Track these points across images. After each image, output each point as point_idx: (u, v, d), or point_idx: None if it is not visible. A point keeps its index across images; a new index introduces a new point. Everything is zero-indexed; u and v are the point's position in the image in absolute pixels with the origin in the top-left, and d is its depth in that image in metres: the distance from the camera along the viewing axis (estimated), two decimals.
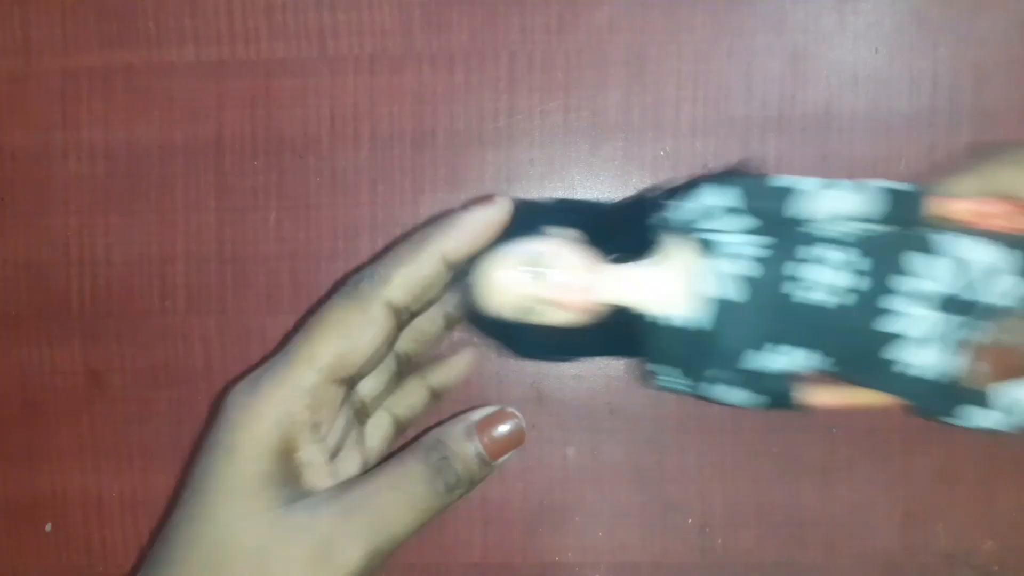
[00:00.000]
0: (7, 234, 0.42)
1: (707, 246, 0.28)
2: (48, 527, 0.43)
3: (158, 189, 0.41)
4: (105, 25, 0.41)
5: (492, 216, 0.29)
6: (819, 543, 0.39)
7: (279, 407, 0.27)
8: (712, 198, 0.29)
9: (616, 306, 0.29)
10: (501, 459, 0.29)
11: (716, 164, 0.39)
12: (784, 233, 0.28)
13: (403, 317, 0.29)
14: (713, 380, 0.30)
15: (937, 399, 0.30)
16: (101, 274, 0.42)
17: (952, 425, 0.30)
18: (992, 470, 0.39)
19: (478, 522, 0.40)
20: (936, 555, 0.39)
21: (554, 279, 0.28)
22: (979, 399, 0.29)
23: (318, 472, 0.28)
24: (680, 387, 0.31)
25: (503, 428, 0.29)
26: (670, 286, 0.29)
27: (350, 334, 0.28)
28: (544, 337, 0.30)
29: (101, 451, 0.42)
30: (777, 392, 0.30)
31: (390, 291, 0.28)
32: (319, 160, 0.40)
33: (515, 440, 0.29)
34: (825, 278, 0.27)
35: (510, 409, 0.29)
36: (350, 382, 0.28)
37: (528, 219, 0.30)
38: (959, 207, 0.28)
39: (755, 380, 0.30)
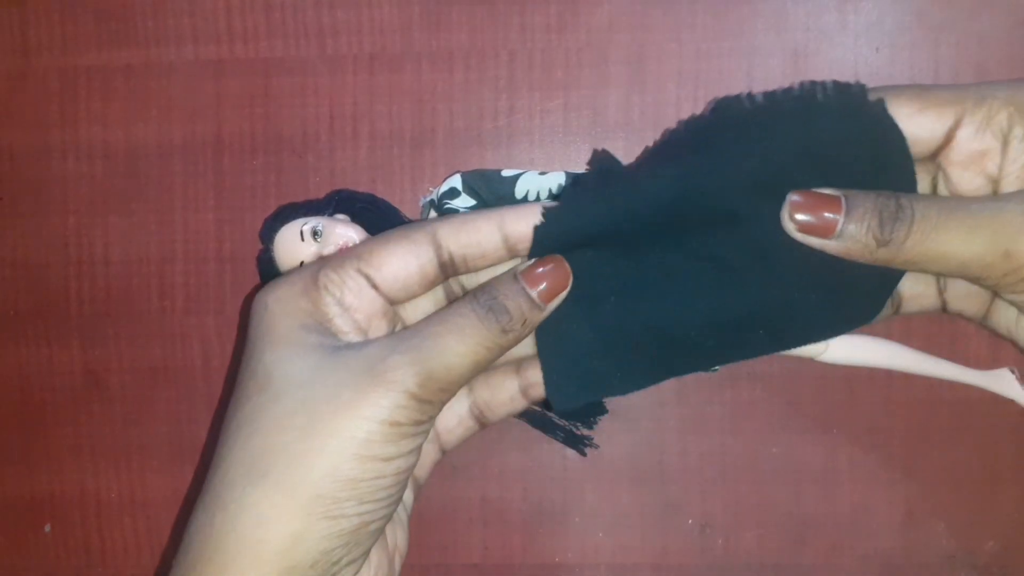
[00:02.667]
0: (5, 234, 0.42)
1: (445, 214, 0.37)
2: (47, 528, 0.42)
3: (157, 189, 0.41)
4: (104, 25, 0.41)
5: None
6: (820, 543, 0.39)
7: (302, 277, 0.28)
8: (449, 183, 0.38)
9: None
10: (551, 304, 0.28)
11: None
12: (493, 202, 0.37)
13: (444, 257, 0.29)
14: None
15: None
16: (100, 274, 0.41)
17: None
18: (994, 470, 0.39)
19: (478, 523, 0.40)
20: (937, 556, 0.39)
21: (327, 241, 0.36)
22: None
23: (358, 337, 0.28)
24: None
25: (546, 267, 0.28)
26: None
27: (385, 242, 0.29)
28: None
29: (100, 451, 0.42)
30: None
31: (439, 224, 0.29)
32: (318, 159, 0.40)
33: (560, 278, 0.28)
34: None
35: (552, 255, 0.29)
36: (375, 282, 0.28)
37: (322, 205, 0.38)
38: None
39: None
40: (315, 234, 0.37)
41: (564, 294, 0.29)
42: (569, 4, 0.39)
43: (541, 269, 0.28)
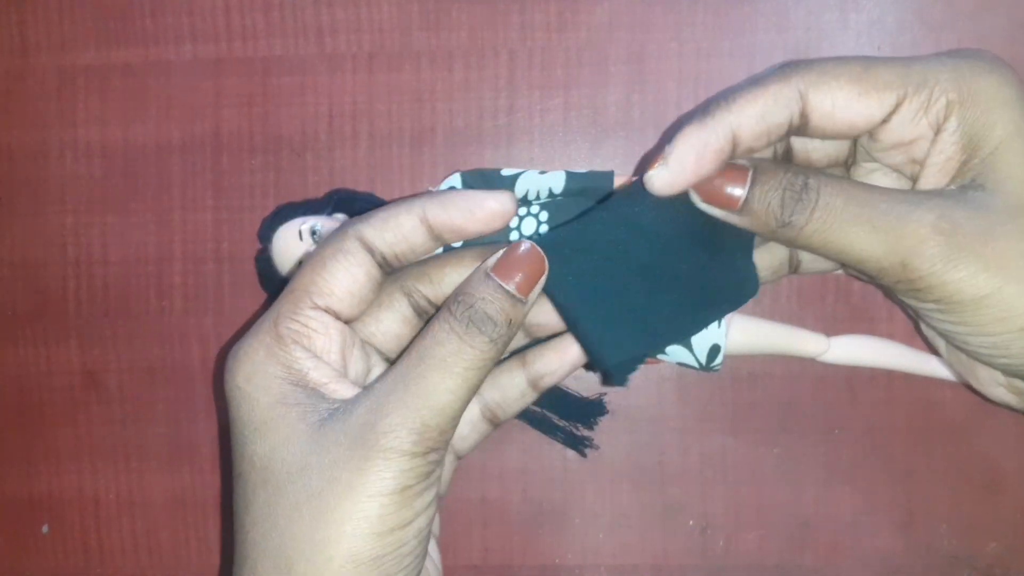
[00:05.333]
0: (3, 234, 0.42)
1: None
2: (45, 528, 0.42)
3: (155, 188, 0.41)
4: (102, 23, 0.41)
5: (484, 199, 0.27)
6: (821, 545, 0.39)
7: (264, 339, 0.27)
8: (448, 182, 0.38)
9: None
10: (531, 294, 0.27)
11: None
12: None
13: (378, 258, 0.27)
14: None
15: None
16: (98, 274, 0.41)
17: (664, 362, 0.37)
18: (995, 471, 0.38)
19: (478, 524, 0.40)
20: (939, 557, 0.39)
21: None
22: (684, 339, 0.35)
23: (340, 385, 0.27)
24: None
25: (516, 254, 0.27)
26: None
27: (323, 264, 0.27)
28: None
29: (98, 452, 0.42)
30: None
31: (363, 227, 0.27)
32: (317, 158, 0.40)
33: (534, 264, 0.26)
34: (526, 229, 0.36)
35: (519, 240, 0.27)
36: (335, 310, 0.27)
37: (320, 204, 0.38)
38: (630, 182, 0.35)
39: None
40: (313, 234, 0.37)
41: (543, 279, 0.27)
42: (569, 3, 0.39)
43: (512, 257, 0.27)
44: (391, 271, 0.28)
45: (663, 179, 0.27)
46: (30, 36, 0.41)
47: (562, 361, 0.31)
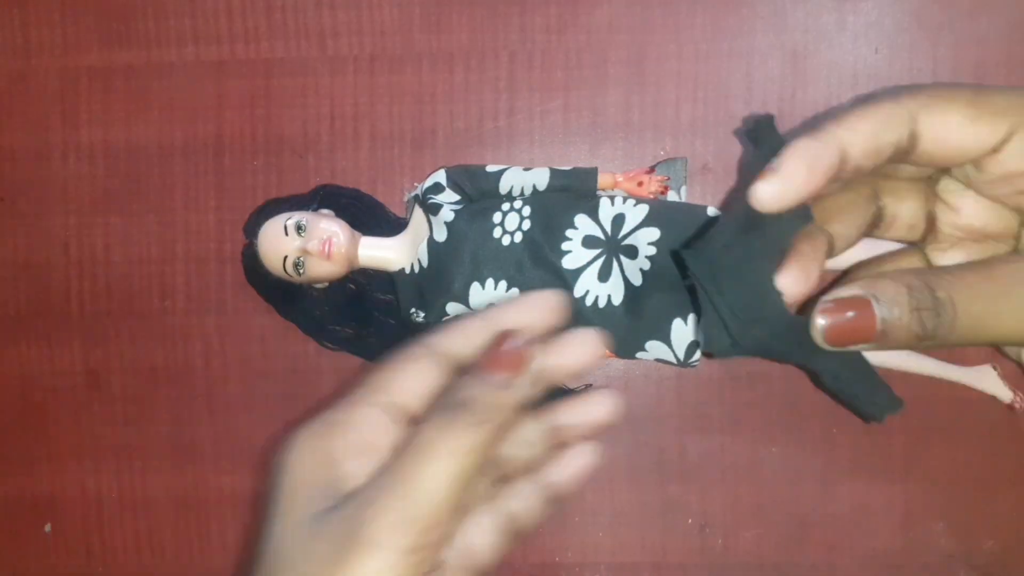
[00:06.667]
0: (6, 234, 0.42)
1: (430, 208, 0.37)
2: (47, 527, 0.42)
3: (158, 189, 0.41)
4: (105, 25, 0.41)
5: (551, 308, 0.28)
6: (819, 543, 0.39)
7: (321, 421, 0.27)
8: (434, 179, 0.38)
9: (367, 269, 0.38)
10: (519, 379, 0.25)
11: (716, 163, 0.39)
12: (478, 197, 0.38)
13: (453, 365, 0.28)
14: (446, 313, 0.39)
15: (625, 332, 0.37)
16: (100, 274, 0.42)
17: (646, 360, 0.38)
18: (993, 471, 0.39)
19: None
20: (936, 555, 0.39)
21: (311, 236, 0.37)
22: (663, 334, 0.37)
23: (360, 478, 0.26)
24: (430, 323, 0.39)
25: (501, 345, 0.26)
26: (407, 246, 0.38)
27: (393, 366, 0.27)
28: (318, 302, 0.39)
29: (100, 451, 0.42)
30: None
31: (437, 338, 0.27)
32: (319, 160, 0.40)
33: (516, 359, 0.25)
34: (509, 225, 0.37)
35: (506, 333, 0.26)
36: (395, 406, 0.27)
37: (306, 200, 0.39)
38: (614, 180, 0.37)
39: None
40: (299, 229, 0.37)
41: (530, 363, 0.26)
42: (569, 5, 0.39)
43: (494, 351, 0.26)
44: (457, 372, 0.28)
45: (771, 191, 0.26)
46: (33, 38, 0.41)
47: (586, 417, 0.29)
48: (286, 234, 0.37)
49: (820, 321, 0.25)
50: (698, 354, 0.37)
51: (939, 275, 0.26)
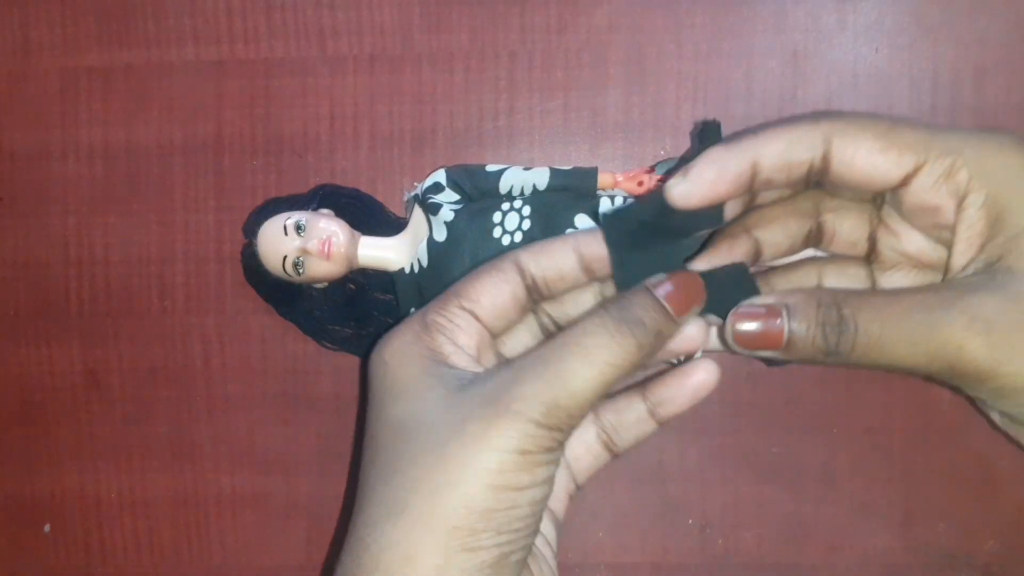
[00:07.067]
0: (6, 234, 0.42)
1: (429, 208, 0.37)
2: (47, 528, 0.42)
3: (157, 189, 0.41)
4: (104, 25, 0.41)
5: None
6: (820, 543, 0.39)
7: (413, 326, 0.29)
8: (433, 178, 0.38)
9: (367, 269, 0.38)
10: (685, 315, 0.28)
11: None
12: (477, 197, 0.38)
13: (527, 281, 0.29)
14: None
15: None
16: (100, 274, 0.42)
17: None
18: (993, 470, 0.39)
19: None
20: (937, 555, 0.39)
21: (310, 236, 0.37)
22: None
23: (478, 369, 0.28)
24: None
25: (677, 281, 0.28)
26: (407, 246, 0.38)
27: (477, 275, 0.29)
28: (317, 302, 0.39)
29: (100, 451, 0.42)
30: None
31: (521, 252, 0.30)
32: (319, 160, 0.40)
33: (693, 289, 0.28)
34: (509, 225, 0.37)
35: (684, 271, 0.29)
36: (478, 315, 0.29)
37: (306, 200, 0.39)
38: (614, 180, 0.37)
39: None
40: (298, 229, 0.37)
41: (698, 307, 0.28)
42: (569, 5, 0.39)
43: (674, 279, 0.28)
44: (540, 298, 0.30)
45: (680, 190, 0.28)
46: (32, 37, 0.41)
47: (683, 386, 0.31)
48: (285, 234, 0.37)
49: (733, 327, 0.28)
50: (699, 354, 0.37)
51: (850, 294, 0.28)
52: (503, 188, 0.37)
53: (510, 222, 0.37)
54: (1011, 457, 0.39)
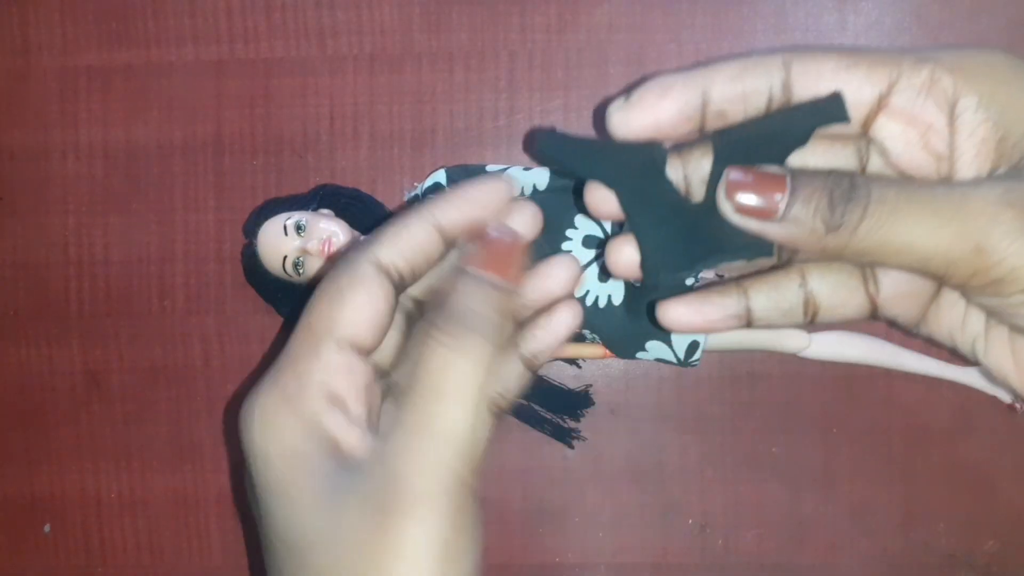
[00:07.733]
0: (5, 234, 0.42)
1: None
2: (47, 528, 0.42)
3: (157, 189, 0.41)
4: (104, 25, 0.41)
5: (491, 189, 0.26)
6: (819, 543, 0.39)
7: (281, 383, 0.24)
8: (433, 178, 0.38)
9: None
10: (512, 275, 0.24)
11: None
12: None
13: (395, 279, 0.25)
14: None
15: (625, 332, 0.37)
16: (100, 274, 0.42)
17: (642, 360, 0.38)
18: (993, 470, 0.39)
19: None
20: (937, 555, 0.39)
21: (310, 236, 0.37)
22: (663, 335, 0.37)
23: (355, 435, 0.24)
24: None
25: (491, 237, 0.24)
26: None
27: (341, 295, 0.24)
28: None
29: (100, 451, 0.42)
30: None
31: (376, 249, 0.25)
32: (319, 159, 0.40)
33: (512, 247, 0.24)
34: None
35: (490, 225, 0.25)
36: (358, 345, 0.25)
37: (306, 200, 0.39)
38: None
39: None
40: (298, 229, 0.37)
41: (524, 259, 0.24)
42: (569, 5, 0.39)
43: (488, 245, 0.24)
44: (405, 288, 0.26)
45: (619, 117, 0.24)
46: (32, 37, 0.41)
47: (553, 334, 0.27)
48: (285, 234, 0.37)
49: (732, 176, 0.23)
50: (698, 354, 0.37)
51: (864, 174, 0.24)
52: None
53: None
54: (1011, 457, 0.39)
